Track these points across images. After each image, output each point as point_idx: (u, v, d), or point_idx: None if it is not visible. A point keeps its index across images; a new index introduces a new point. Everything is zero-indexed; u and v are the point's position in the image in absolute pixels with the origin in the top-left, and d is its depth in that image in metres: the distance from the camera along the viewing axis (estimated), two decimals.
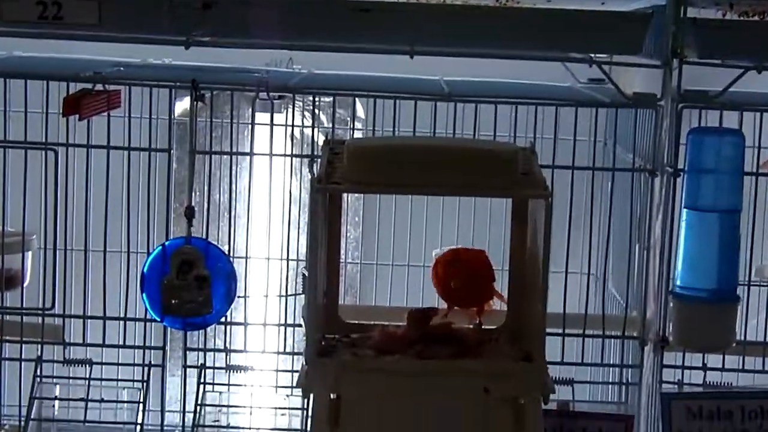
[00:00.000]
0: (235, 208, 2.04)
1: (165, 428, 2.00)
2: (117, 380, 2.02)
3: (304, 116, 2.18)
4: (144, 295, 1.92)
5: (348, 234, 2.50)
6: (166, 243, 1.93)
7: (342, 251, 2.42)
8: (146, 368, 1.98)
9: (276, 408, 2.02)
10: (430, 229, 2.40)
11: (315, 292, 1.61)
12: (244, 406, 2.00)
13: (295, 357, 2.01)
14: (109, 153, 1.96)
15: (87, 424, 1.98)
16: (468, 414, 1.55)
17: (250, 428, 2.00)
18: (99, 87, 1.91)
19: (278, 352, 2.03)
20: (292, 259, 2.09)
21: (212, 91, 1.93)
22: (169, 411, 2.08)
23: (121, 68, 2.02)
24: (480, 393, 1.56)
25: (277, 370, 2.04)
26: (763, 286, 2.02)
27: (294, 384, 1.87)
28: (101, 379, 2.01)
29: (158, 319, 1.92)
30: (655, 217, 1.94)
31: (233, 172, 2.01)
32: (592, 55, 1.89)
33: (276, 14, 1.84)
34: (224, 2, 1.83)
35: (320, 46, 1.88)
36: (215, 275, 1.90)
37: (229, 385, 2.02)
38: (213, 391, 2.02)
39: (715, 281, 1.85)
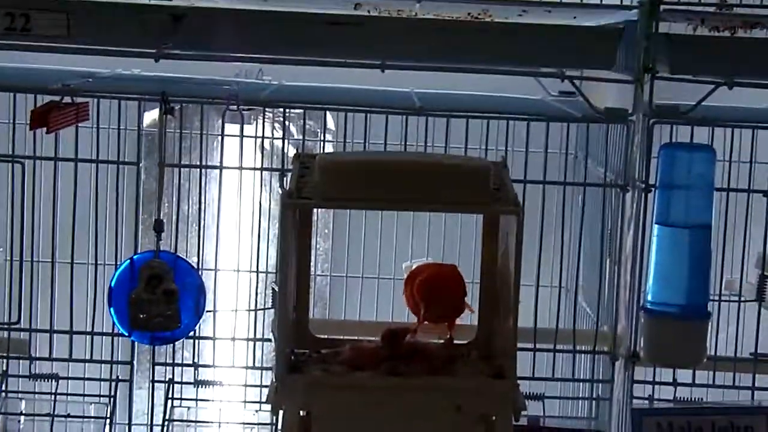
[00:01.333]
0: (205, 220, 2.02)
1: None
2: (84, 395, 2.00)
3: (274, 128, 2.17)
4: (111, 309, 1.90)
5: (317, 246, 2.49)
6: (135, 257, 1.91)
7: (311, 263, 2.43)
8: (113, 383, 1.96)
9: (244, 423, 2.00)
10: (400, 242, 2.40)
11: (285, 307, 1.60)
12: (213, 422, 1.99)
13: (264, 372, 2.00)
14: (77, 165, 1.94)
15: None
16: (439, 431, 1.55)
17: None
18: (67, 99, 1.89)
19: (247, 367, 2.01)
20: (261, 272, 2.08)
21: (182, 103, 1.92)
22: (135, 424, 2.07)
23: (90, 80, 2.01)
24: (452, 410, 1.55)
25: (246, 385, 2.02)
26: (733, 301, 2.02)
27: (263, 399, 1.86)
28: (68, 394, 1.99)
29: (126, 334, 1.90)
30: (627, 232, 1.94)
31: (203, 184, 2.00)
32: (564, 69, 1.89)
33: (246, 27, 1.82)
34: (194, 15, 1.82)
35: (290, 59, 1.86)
36: (184, 289, 1.89)
37: (197, 400, 2.00)
38: (181, 406, 2.00)
39: (685, 297, 1.85)
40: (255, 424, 2.00)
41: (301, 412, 1.56)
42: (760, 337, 1.96)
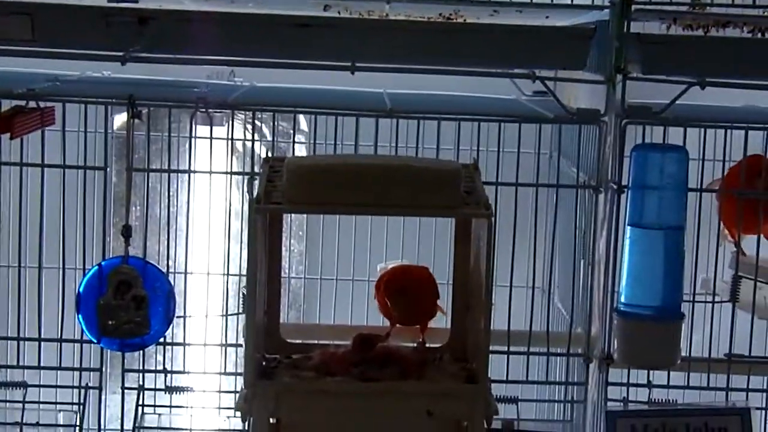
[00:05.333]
0: (176, 223, 2.01)
1: None
2: (56, 403, 1.97)
3: (246, 128, 2.15)
4: (80, 316, 1.88)
5: (292, 248, 2.48)
6: (103, 263, 1.89)
7: (285, 265, 2.41)
8: (83, 390, 1.94)
9: (217, 430, 1.99)
10: (374, 243, 2.38)
11: (254, 312, 1.58)
12: (183, 429, 1.97)
13: (238, 377, 1.98)
14: (44, 171, 1.92)
15: None
16: None
17: None
18: (32, 104, 1.86)
19: (220, 373, 1.99)
20: (233, 275, 2.06)
21: (149, 107, 1.90)
22: (109, 429, 2.05)
23: (57, 83, 1.98)
24: (422, 415, 1.54)
25: (220, 391, 2.00)
26: (707, 302, 2.01)
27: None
28: (38, 402, 1.96)
29: (95, 341, 1.89)
30: (600, 234, 1.93)
31: (171, 188, 1.98)
32: (536, 70, 1.87)
33: (214, 30, 1.81)
34: (161, 17, 1.80)
35: (259, 62, 1.85)
36: (153, 295, 1.87)
37: (170, 406, 1.98)
38: (154, 413, 1.99)
39: (659, 299, 1.83)
40: (228, 430, 1.98)
41: (271, 420, 1.54)
42: (734, 338, 1.95)
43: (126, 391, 1.96)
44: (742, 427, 1.85)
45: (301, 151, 2.29)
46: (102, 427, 1.99)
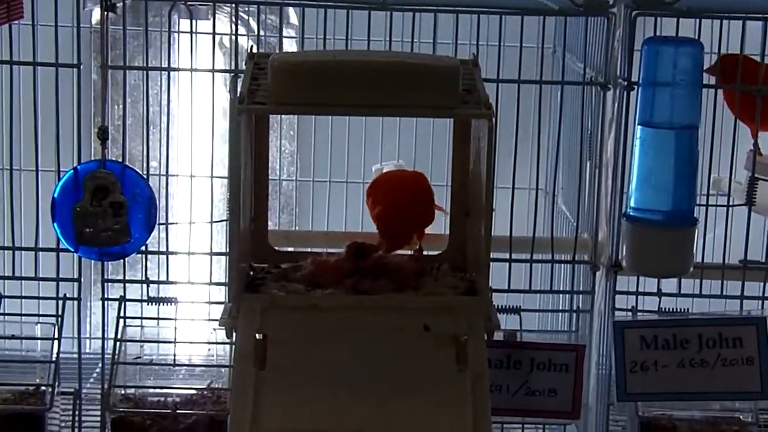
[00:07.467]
0: (159, 123, 1.90)
1: (83, 365, 1.88)
2: (35, 315, 1.88)
3: (232, 22, 2.04)
4: (55, 223, 1.79)
5: (282, 148, 2.38)
6: (79, 166, 1.79)
7: (277, 167, 2.32)
8: (61, 301, 1.85)
9: (204, 342, 1.91)
10: (369, 143, 2.29)
11: (238, 220, 1.49)
12: (166, 341, 1.89)
13: (226, 288, 1.89)
14: (13, 68, 1.81)
15: None
16: (406, 353, 1.45)
17: (174, 364, 1.89)
18: None
19: (208, 283, 1.90)
20: (220, 177, 1.96)
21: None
22: (93, 337, 1.96)
23: None
24: (419, 331, 1.45)
25: (209, 302, 1.92)
26: (721, 205, 1.92)
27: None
28: (17, 314, 1.87)
29: (71, 249, 1.79)
30: (608, 134, 1.84)
31: (154, 87, 1.87)
32: None
33: None
34: None
35: None
36: (133, 201, 1.78)
37: (157, 318, 1.89)
38: (140, 325, 1.90)
39: (670, 203, 1.75)
40: (214, 343, 1.90)
41: (257, 335, 1.45)
42: (749, 243, 1.86)
43: (108, 302, 1.87)
44: (757, 336, 1.77)
45: (291, 46, 2.18)
46: (81, 338, 1.90)
